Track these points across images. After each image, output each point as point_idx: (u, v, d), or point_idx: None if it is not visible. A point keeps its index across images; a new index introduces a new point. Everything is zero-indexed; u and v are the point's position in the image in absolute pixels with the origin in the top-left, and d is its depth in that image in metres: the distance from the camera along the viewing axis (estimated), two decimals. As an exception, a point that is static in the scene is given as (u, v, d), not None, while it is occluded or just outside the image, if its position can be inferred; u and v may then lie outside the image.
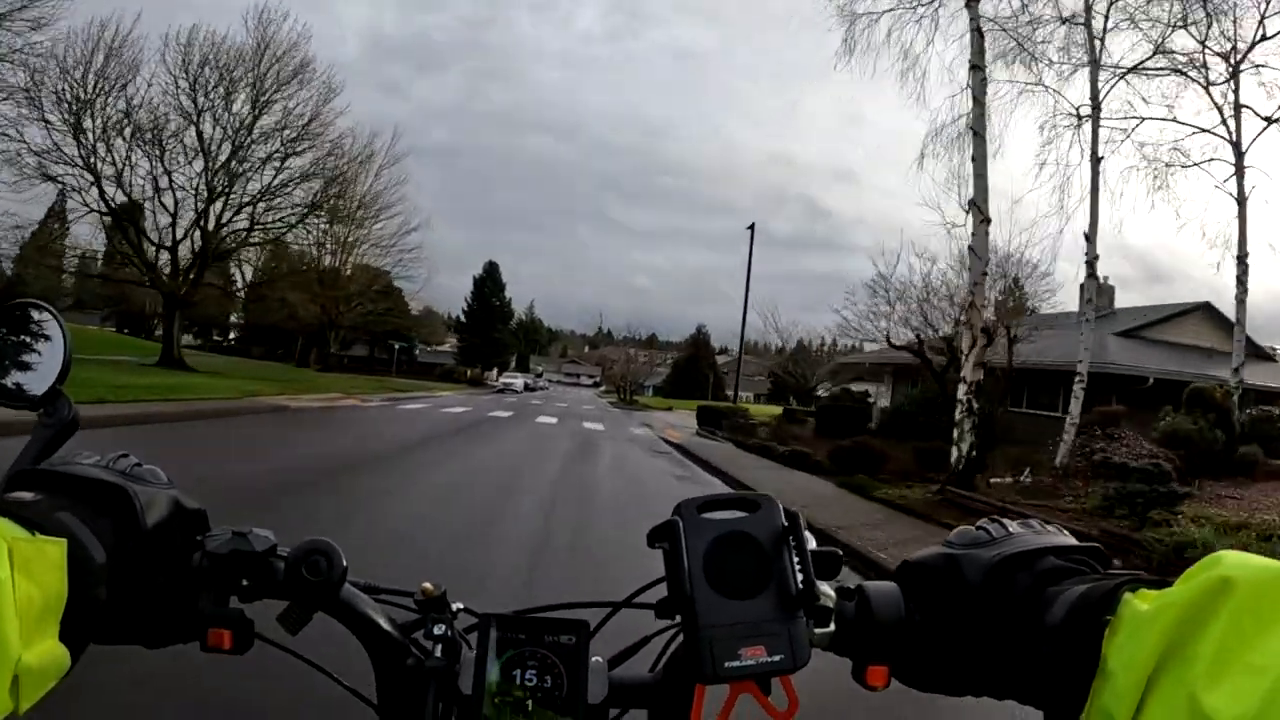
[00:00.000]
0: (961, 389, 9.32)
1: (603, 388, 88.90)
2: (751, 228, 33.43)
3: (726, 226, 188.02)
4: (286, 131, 24.16)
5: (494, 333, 71.10)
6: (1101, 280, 15.17)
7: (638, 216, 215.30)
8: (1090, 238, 11.98)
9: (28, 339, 0.55)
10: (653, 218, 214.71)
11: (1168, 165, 12.73)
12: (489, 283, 72.63)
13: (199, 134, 23.02)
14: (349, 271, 36.54)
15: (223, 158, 23.37)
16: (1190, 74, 11.83)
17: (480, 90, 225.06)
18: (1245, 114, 11.92)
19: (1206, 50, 11.62)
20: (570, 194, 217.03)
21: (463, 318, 73.07)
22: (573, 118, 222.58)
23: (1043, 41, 12.16)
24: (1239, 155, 12.02)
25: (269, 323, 38.41)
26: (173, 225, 23.81)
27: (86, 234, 28.09)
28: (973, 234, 9.53)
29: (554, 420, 20.55)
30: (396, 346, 47.82)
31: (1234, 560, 0.34)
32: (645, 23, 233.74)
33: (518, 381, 49.79)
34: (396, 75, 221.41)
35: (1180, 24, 11.36)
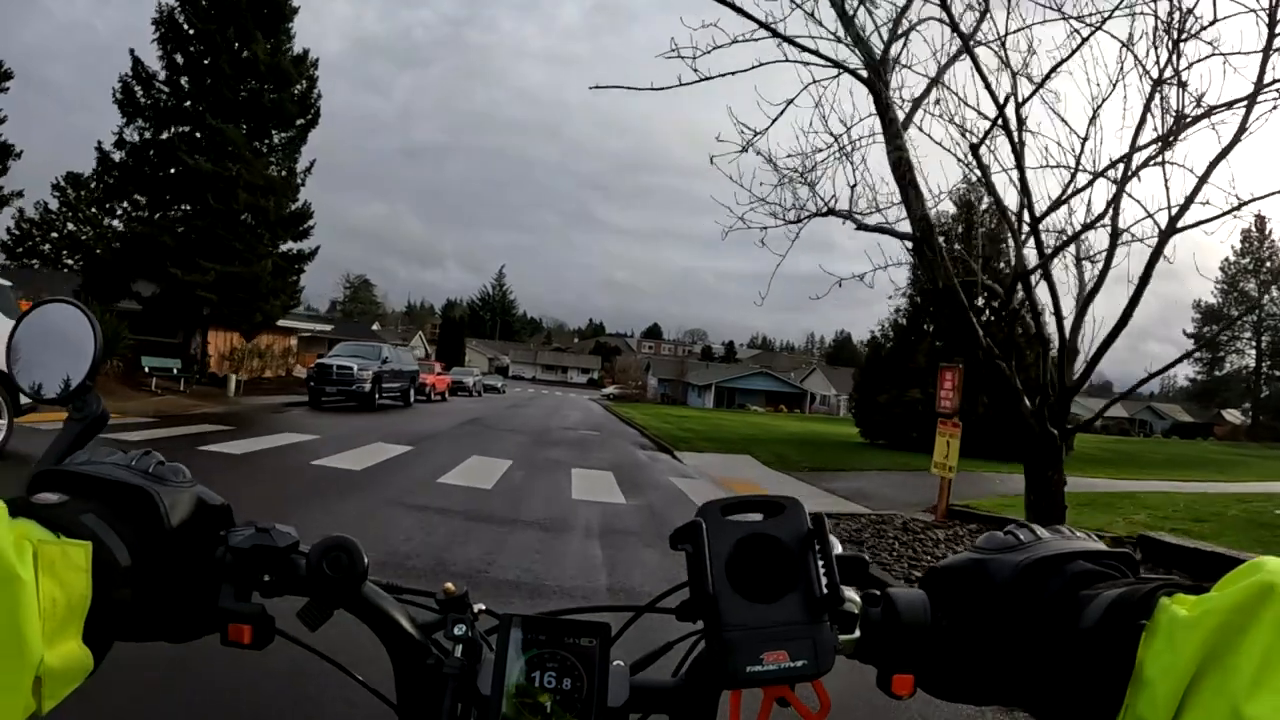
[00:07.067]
0: None
1: (608, 391, 46.55)
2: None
3: (711, 225, 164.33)
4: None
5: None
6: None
7: (621, 215, 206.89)
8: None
9: (60, 336, 0.55)
10: (636, 216, 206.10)
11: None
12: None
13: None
14: None
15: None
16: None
17: (461, 87, 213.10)
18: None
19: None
20: (552, 192, 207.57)
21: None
22: (555, 115, 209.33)
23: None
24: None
25: None
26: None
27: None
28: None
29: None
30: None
31: (1276, 566, 0.33)
32: (627, 19, 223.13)
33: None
34: (378, 72, 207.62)
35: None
